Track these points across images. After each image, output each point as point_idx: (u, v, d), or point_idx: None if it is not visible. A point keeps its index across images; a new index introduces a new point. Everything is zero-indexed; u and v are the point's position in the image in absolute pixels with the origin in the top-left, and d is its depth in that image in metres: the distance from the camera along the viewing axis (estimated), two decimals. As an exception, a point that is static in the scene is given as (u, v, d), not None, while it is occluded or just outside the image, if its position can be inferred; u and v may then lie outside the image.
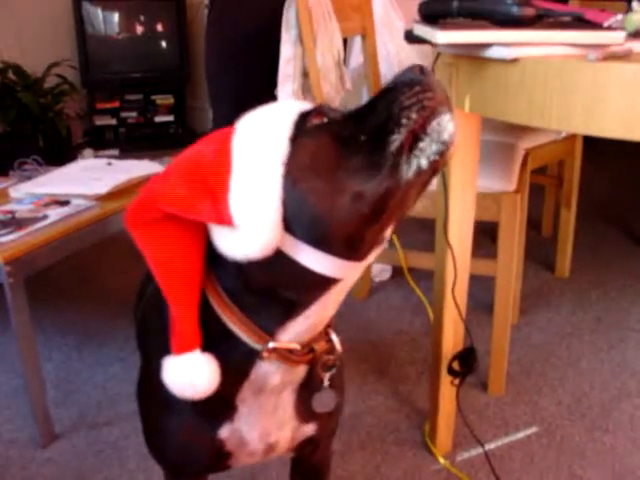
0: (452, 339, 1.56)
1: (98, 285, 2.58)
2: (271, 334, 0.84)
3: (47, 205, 1.77)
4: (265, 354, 0.84)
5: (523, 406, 1.83)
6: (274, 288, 0.81)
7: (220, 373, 0.87)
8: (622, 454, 1.65)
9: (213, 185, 0.78)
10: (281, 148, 0.76)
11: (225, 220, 0.77)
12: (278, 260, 0.77)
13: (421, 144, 0.74)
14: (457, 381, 1.56)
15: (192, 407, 0.91)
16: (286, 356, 0.86)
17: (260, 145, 0.77)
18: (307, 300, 0.82)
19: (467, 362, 1.54)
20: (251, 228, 0.76)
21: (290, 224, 0.76)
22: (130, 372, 1.96)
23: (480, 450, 1.64)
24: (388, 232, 0.80)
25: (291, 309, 0.83)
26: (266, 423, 0.95)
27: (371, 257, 0.81)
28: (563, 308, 2.37)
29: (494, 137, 2.03)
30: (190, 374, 0.85)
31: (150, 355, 1.00)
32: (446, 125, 0.74)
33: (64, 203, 1.77)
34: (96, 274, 2.67)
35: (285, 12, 1.86)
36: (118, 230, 1.84)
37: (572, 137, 2.34)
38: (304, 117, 0.80)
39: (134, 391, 1.06)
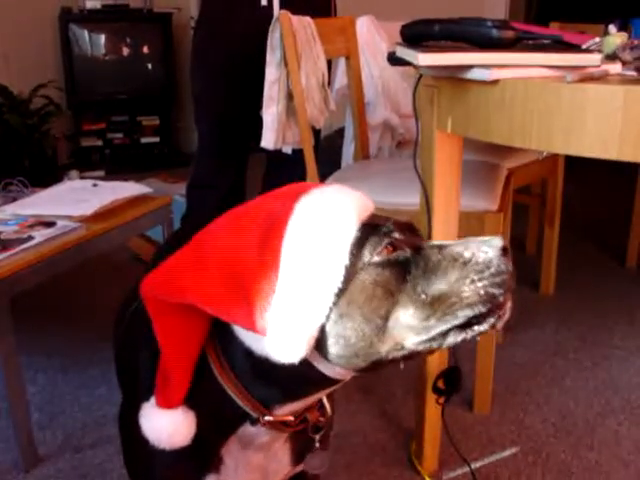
0: (437, 358, 1.56)
1: (83, 306, 2.56)
2: (268, 408, 0.84)
3: (32, 226, 1.76)
4: (259, 425, 0.85)
5: (509, 424, 1.84)
6: (282, 380, 0.81)
7: (207, 424, 0.87)
8: (607, 470, 1.66)
9: (253, 294, 0.73)
10: (335, 277, 0.73)
11: (257, 330, 0.74)
12: (297, 363, 0.76)
13: (475, 326, 0.74)
14: (442, 400, 1.56)
15: (176, 453, 0.90)
16: (279, 427, 0.86)
17: (313, 265, 0.73)
18: (311, 392, 0.83)
19: (452, 381, 1.54)
20: (281, 342, 0.73)
21: (321, 345, 0.75)
22: (116, 394, 1.93)
23: (466, 469, 1.64)
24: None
25: (292, 395, 0.83)
26: (255, 476, 0.94)
27: None
28: (547, 326, 2.38)
29: (477, 157, 2.05)
30: (169, 430, 0.85)
31: (134, 391, 0.99)
32: (504, 316, 0.75)
33: (50, 224, 1.77)
34: (81, 295, 2.66)
35: (270, 35, 1.87)
36: (103, 251, 1.84)
37: (554, 156, 2.37)
38: (367, 234, 0.75)
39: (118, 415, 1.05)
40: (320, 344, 0.75)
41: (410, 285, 0.74)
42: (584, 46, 1.24)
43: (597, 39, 1.25)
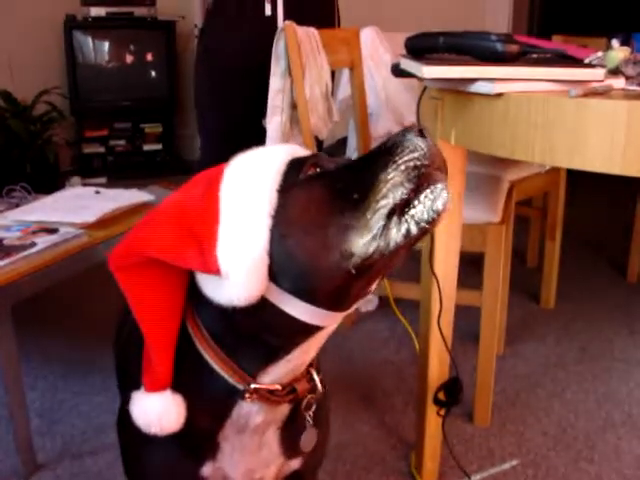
0: (438, 369, 1.56)
1: (84, 313, 2.56)
2: (252, 376, 0.85)
3: (35, 233, 1.76)
4: (247, 395, 0.85)
5: (509, 437, 1.83)
6: (257, 332, 0.82)
7: (200, 409, 0.88)
8: (607, 485, 1.65)
9: (200, 234, 0.78)
10: (269, 200, 0.77)
11: (212, 269, 0.77)
12: (262, 307, 0.78)
13: (412, 210, 0.74)
14: (443, 411, 1.56)
15: (174, 443, 0.91)
16: (267, 397, 0.86)
17: (248, 195, 0.78)
18: (289, 345, 0.83)
19: (453, 392, 1.54)
20: (237, 278, 0.76)
21: (276, 275, 0.77)
22: (116, 402, 1.92)
23: (466, 481, 1.64)
24: (374, 285, 0.80)
25: (273, 353, 0.84)
26: (250, 462, 0.94)
27: (355, 306, 0.82)
28: (548, 338, 2.38)
29: (480, 169, 2.06)
30: (158, 413, 0.86)
31: (132, 388, 1.00)
32: (439, 194, 0.74)
33: (52, 231, 1.77)
34: (82, 302, 2.66)
35: (275, 45, 1.88)
36: (105, 258, 1.84)
37: (556, 169, 2.37)
38: (295, 165, 0.80)
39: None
40: (275, 276, 0.77)
41: (341, 191, 0.76)
42: (586, 60, 1.25)
43: (600, 53, 1.26)
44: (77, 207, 1.95)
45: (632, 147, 0.99)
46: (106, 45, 4.59)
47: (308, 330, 0.81)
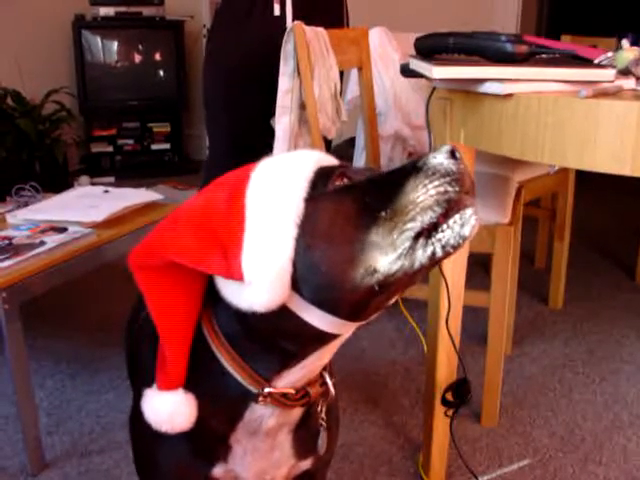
0: (446, 370, 1.56)
1: (93, 312, 2.57)
2: (267, 380, 0.85)
3: (44, 232, 1.77)
4: (260, 399, 0.85)
5: (516, 437, 1.83)
6: (274, 338, 0.82)
7: (213, 411, 0.88)
8: (615, 487, 1.65)
9: (225, 240, 0.77)
10: (296, 209, 0.76)
11: (235, 275, 0.77)
12: (281, 314, 0.78)
13: (440, 234, 0.74)
14: (451, 412, 1.56)
15: (185, 443, 0.92)
16: (281, 400, 0.86)
17: (275, 203, 0.77)
18: (305, 351, 0.83)
19: (461, 393, 1.54)
20: (259, 285, 0.76)
21: (298, 283, 0.77)
22: (124, 400, 1.95)
23: (473, 482, 1.64)
24: (394, 299, 0.81)
25: (288, 359, 0.84)
26: (262, 464, 0.95)
27: (374, 316, 0.82)
28: (556, 340, 2.37)
29: (488, 169, 2.05)
30: (169, 412, 0.86)
31: (144, 385, 1.01)
32: (468, 220, 0.74)
33: (61, 230, 1.78)
34: (91, 301, 2.67)
35: (283, 45, 1.88)
36: (114, 257, 1.85)
37: (565, 170, 2.37)
38: (323, 174, 0.79)
39: (127, 419, 1.06)
40: (297, 285, 0.77)
41: (368, 206, 0.76)
42: (596, 61, 1.25)
43: (609, 54, 1.26)
44: (86, 206, 1.96)
45: (642, 148, 0.99)
46: (115, 45, 4.61)
47: (324, 338, 0.81)
